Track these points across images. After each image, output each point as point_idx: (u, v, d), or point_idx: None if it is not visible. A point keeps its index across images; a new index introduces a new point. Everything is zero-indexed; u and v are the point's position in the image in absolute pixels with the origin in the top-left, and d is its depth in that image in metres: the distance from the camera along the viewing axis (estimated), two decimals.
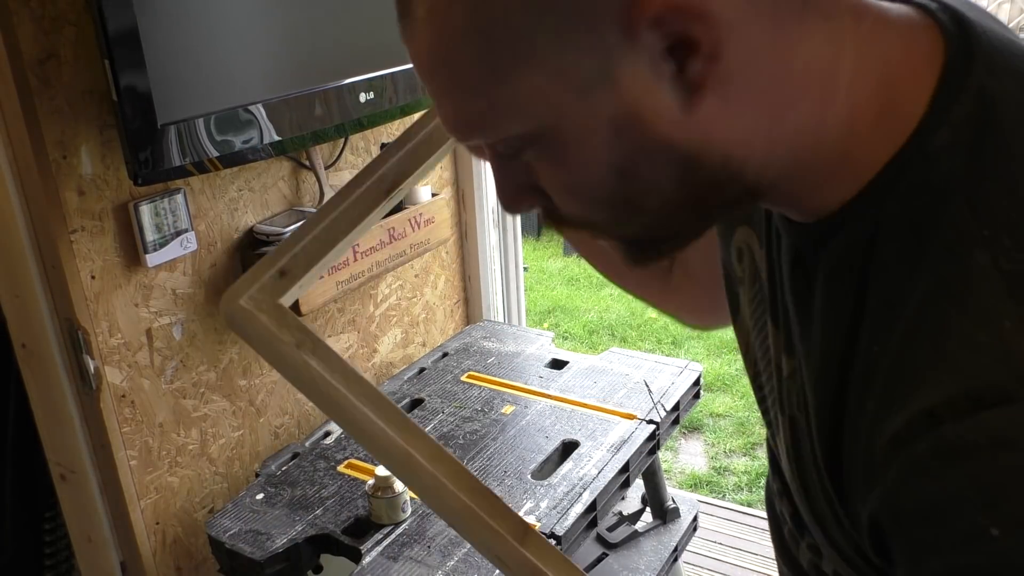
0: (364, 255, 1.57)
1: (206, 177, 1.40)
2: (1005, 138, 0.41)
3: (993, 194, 0.41)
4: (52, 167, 1.19)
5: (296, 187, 1.58)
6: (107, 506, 1.41)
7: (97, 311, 1.29)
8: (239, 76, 1.31)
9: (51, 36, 1.16)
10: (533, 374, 1.69)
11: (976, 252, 0.40)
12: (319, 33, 1.42)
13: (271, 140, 1.36)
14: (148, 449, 1.40)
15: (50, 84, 1.17)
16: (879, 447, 0.42)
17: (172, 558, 1.47)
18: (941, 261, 0.41)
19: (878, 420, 0.42)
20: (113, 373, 1.32)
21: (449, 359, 1.79)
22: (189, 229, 1.38)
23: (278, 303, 0.70)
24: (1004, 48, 0.43)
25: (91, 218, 1.26)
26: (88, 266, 1.26)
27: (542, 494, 1.31)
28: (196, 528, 1.47)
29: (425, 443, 0.64)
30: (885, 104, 0.43)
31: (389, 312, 1.84)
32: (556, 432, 1.48)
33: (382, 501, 1.26)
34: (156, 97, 1.17)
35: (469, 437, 1.48)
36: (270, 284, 0.71)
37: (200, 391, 1.47)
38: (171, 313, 1.40)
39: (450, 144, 0.81)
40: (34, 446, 1.48)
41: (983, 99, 0.42)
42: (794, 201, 0.47)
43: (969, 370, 0.39)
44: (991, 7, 6.07)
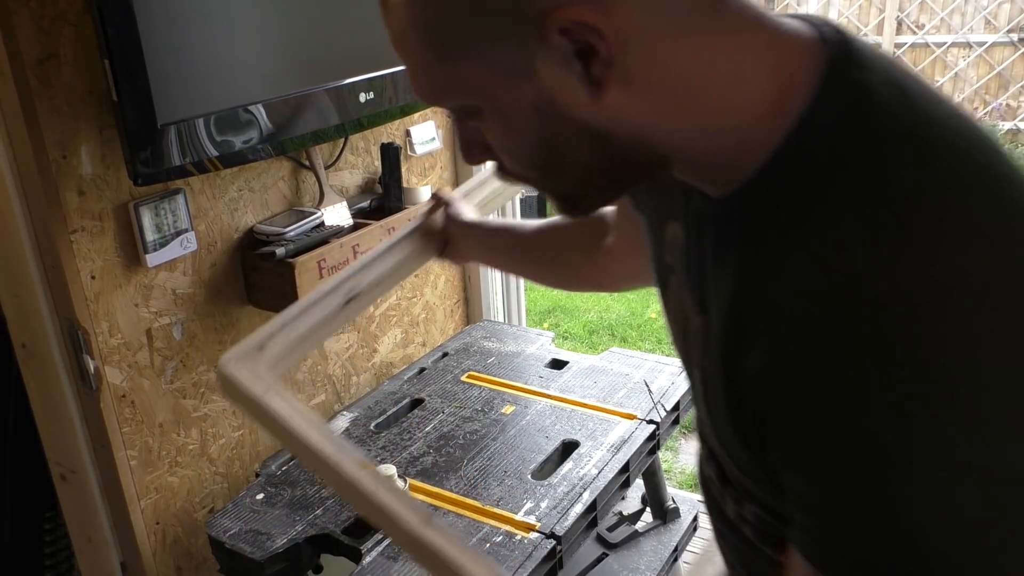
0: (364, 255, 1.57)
1: (206, 177, 1.40)
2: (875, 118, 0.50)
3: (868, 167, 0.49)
4: (52, 167, 1.19)
5: (296, 187, 1.58)
6: (107, 506, 1.42)
7: (97, 311, 1.29)
8: (239, 76, 1.31)
9: (51, 36, 1.16)
10: (533, 374, 1.69)
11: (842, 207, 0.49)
12: (319, 33, 1.42)
13: (271, 140, 1.36)
14: (148, 449, 1.40)
15: (50, 84, 1.17)
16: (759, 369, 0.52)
17: (172, 558, 1.47)
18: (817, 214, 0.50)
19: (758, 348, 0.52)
20: (113, 373, 1.33)
21: (449, 359, 1.79)
22: (189, 229, 1.38)
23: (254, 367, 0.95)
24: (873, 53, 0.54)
25: (91, 218, 1.26)
26: (88, 266, 1.26)
27: (542, 494, 1.31)
28: (196, 528, 1.47)
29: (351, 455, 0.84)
30: (778, 98, 0.52)
31: (389, 312, 1.84)
32: (556, 432, 1.48)
33: None
34: (156, 97, 1.17)
35: (469, 437, 1.48)
36: (251, 354, 0.98)
37: (200, 391, 1.47)
38: (171, 313, 1.40)
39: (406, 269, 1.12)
40: (34, 446, 1.48)
41: (858, 90, 0.51)
42: (707, 176, 0.57)
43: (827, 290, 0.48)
44: (991, 7, 6.07)
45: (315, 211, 1.53)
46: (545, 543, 1.22)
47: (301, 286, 1.44)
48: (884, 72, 0.52)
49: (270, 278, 1.46)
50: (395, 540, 0.91)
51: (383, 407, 1.62)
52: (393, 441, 1.50)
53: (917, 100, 0.51)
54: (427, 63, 0.55)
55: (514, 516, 1.27)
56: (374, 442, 1.50)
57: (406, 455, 1.45)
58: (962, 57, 6.27)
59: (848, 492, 0.48)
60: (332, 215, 1.57)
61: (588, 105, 0.52)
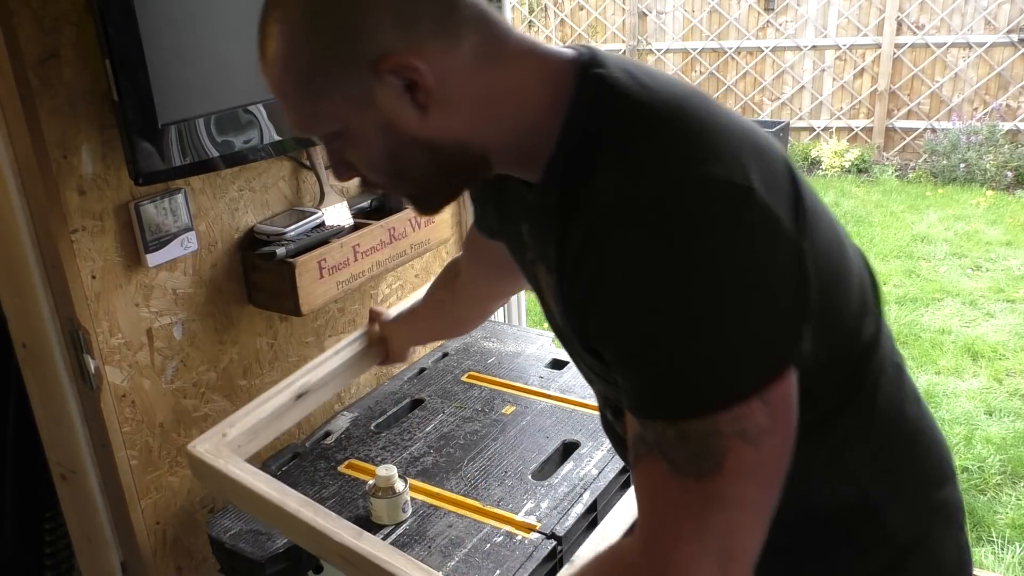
0: (364, 255, 1.57)
1: (206, 177, 1.40)
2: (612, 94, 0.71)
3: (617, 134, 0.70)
4: (53, 167, 1.19)
5: (296, 187, 1.58)
6: (107, 506, 1.41)
7: (98, 311, 1.29)
8: (239, 76, 1.30)
9: (52, 36, 1.16)
10: (533, 374, 1.69)
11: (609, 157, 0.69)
12: None
13: (271, 140, 1.36)
14: (148, 449, 1.40)
15: (51, 84, 1.17)
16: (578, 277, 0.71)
17: (172, 558, 1.47)
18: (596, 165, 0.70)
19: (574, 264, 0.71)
20: (114, 373, 1.33)
21: (449, 359, 1.79)
22: (190, 229, 1.38)
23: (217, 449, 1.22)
24: (610, 56, 0.74)
25: (92, 218, 1.26)
26: (89, 266, 1.26)
27: (543, 494, 1.31)
28: (196, 528, 1.47)
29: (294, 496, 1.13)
30: (552, 99, 0.72)
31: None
32: (556, 432, 1.48)
33: (382, 501, 1.26)
34: (157, 97, 1.17)
35: (469, 437, 1.48)
36: (216, 440, 1.24)
37: (200, 391, 1.47)
38: (171, 313, 1.40)
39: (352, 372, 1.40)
40: (34, 446, 1.48)
41: (599, 78, 0.72)
42: (523, 166, 0.76)
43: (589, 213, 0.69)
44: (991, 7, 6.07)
45: (316, 211, 1.53)
46: (546, 543, 1.22)
47: (301, 286, 1.44)
48: (616, 65, 0.73)
49: (271, 278, 1.46)
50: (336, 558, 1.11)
51: (383, 407, 1.62)
52: (393, 441, 1.50)
53: (641, 76, 0.72)
54: (298, 102, 0.72)
55: (515, 516, 1.27)
56: (374, 442, 1.50)
57: (406, 455, 1.45)
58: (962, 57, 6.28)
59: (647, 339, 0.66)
60: (332, 215, 1.57)
61: (418, 124, 0.71)
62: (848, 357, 0.77)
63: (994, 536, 2.51)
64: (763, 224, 0.65)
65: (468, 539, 1.22)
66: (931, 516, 0.85)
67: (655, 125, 0.69)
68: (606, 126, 0.71)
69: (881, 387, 0.81)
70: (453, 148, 0.73)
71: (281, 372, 1.61)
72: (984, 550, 2.46)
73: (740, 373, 0.65)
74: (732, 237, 0.64)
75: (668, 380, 0.66)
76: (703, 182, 0.65)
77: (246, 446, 1.29)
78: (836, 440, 0.79)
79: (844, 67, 6.69)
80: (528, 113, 0.73)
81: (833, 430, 0.78)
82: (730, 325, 0.64)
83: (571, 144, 0.72)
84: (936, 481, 0.86)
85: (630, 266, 0.66)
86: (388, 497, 1.25)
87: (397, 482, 1.26)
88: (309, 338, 1.66)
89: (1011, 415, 3.13)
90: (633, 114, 0.70)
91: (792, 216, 0.68)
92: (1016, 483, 2.77)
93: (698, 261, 0.63)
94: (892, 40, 6.42)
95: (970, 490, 2.74)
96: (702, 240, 0.64)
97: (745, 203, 0.65)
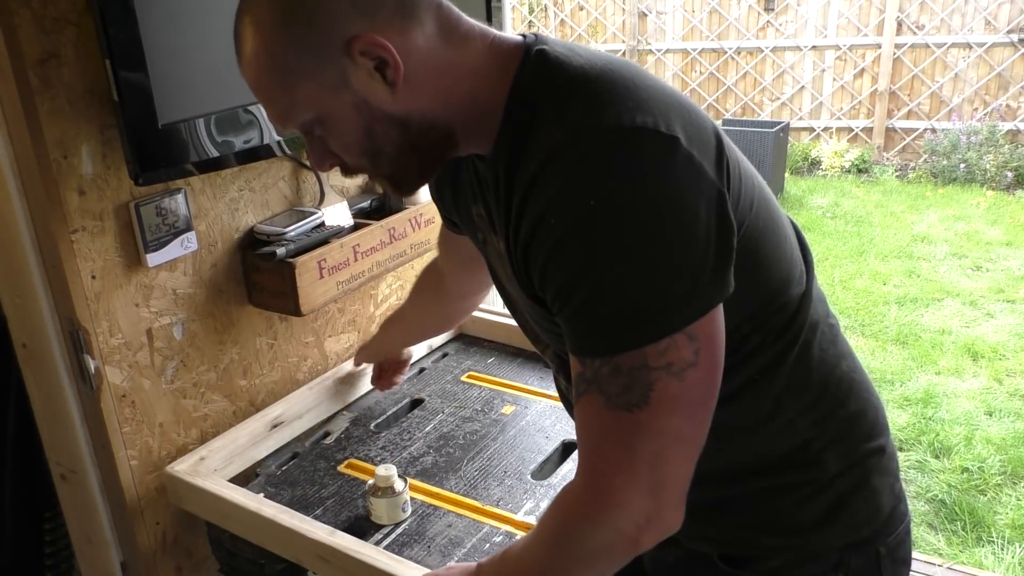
0: (364, 255, 1.57)
1: (206, 177, 1.40)
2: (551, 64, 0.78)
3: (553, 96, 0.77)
4: (53, 167, 1.19)
5: (297, 187, 1.58)
6: (107, 506, 1.42)
7: (97, 311, 1.29)
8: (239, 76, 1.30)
9: (52, 36, 1.16)
10: (533, 374, 1.69)
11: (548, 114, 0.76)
12: None
13: (271, 140, 1.36)
14: (148, 449, 1.40)
15: (51, 84, 1.17)
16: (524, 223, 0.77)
17: (172, 558, 1.47)
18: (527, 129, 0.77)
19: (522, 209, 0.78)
20: (113, 373, 1.33)
21: (449, 359, 1.79)
22: (190, 229, 1.38)
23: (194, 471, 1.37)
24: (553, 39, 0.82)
25: (92, 218, 1.26)
26: (89, 266, 1.26)
27: (542, 494, 1.31)
28: (196, 528, 1.47)
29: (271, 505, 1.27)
30: (500, 75, 0.80)
31: (389, 312, 1.84)
32: (556, 432, 1.48)
33: (382, 501, 1.26)
34: (157, 97, 1.17)
35: (469, 437, 1.48)
36: (194, 463, 1.39)
37: (200, 391, 1.47)
38: (171, 313, 1.40)
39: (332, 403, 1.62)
40: (34, 446, 1.48)
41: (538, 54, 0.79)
42: (479, 140, 0.82)
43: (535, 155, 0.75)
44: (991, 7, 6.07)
45: (316, 211, 1.54)
46: None
47: (301, 286, 1.44)
48: (558, 43, 0.81)
49: (271, 278, 1.47)
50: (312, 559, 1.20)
51: (383, 407, 1.62)
52: (393, 441, 1.50)
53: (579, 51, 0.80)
54: (278, 95, 0.79)
55: (514, 516, 1.27)
56: (374, 442, 1.50)
57: (406, 455, 1.45)
58: (962, 58, 6.28)
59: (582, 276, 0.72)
60: (333, 215, 1.57)
61: (389, 101, 0.77)
62: (778, 311, 0.85)
63: (994, 536, 2.51)
64: (687, 169, 0.72)
65: (467, 539, 1.23)
66: (868, 463, 0.92)
67: (587, 84, 0.75)
68: (543, 90, 0.78)
69: (815, 344, 0.88)
70: (421, 124, 0.79)
71: (281, 372, 1.61)
72: (984, 550, 2.46)
73: (666, 309, 0.71)
74: (658, 181, 0.71)
75: (602, 318, 0.73)
76: (632, 129, 0.71)
77: (223, 470, 1.42)
78: (776, 392, 0.86)
79: (844, 67, 6.69)
80: (482, 90, 0.80)
81: (772, 383, 0.86)
82: (658, 262, 0.71)
83: (515, 110, 0.79)
84: (871, 432, 0.93)
85: (565, 208, 0.72)
86: (388, 497, 1.26)
87: (397, 482, 1.26)
88: (309, 338, 1.66)
89: (1011, 415, 3.14)
90: (566, 78, 0.77)
91: (715, 168, 0.74)
92: (1016, 483, 2.77)
93: (627, 202, 0.70)
94: (892, 40, 6.42)
95: (970, 490, 2.74)
96: (630, 183, 0.70)
97: (670, 150, 0.71)
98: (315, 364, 1.68)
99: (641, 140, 0.71)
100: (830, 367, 0.90)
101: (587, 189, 0.71)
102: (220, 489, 1.31)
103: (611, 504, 0.75)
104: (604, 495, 0.75)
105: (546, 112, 0.76)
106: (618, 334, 0.72)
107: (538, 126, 0.76)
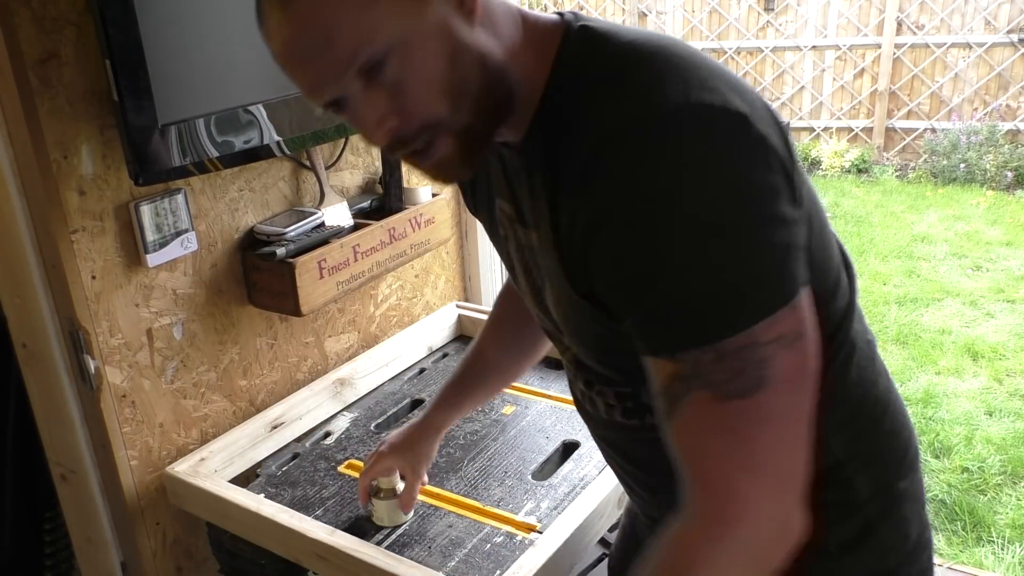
0: (364, 255, 1.57)
1: (206, 177, 1.40)
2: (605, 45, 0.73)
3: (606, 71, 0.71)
4: (53, 167, 1.19)
5: (297, 187, 1.58)
6: (107, 506, 1.41)
7: (97, 311, 1.29)
8: (239, 76, 1.31)
9: (52, 36, 1.16)
10: (533, 374, 1.69)
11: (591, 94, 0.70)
12: None
13: (271, 140, 1.36)
14: (148, 449, 1.40)
15: (51, 84, 1.17)
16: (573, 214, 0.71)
17: (172, 558, 1.47)
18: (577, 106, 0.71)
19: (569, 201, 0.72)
20: (113, 373, 1.33)
21: (449, 359, 1.79)
22: (189, 229, 1.38)
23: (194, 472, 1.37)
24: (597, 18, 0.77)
25: (92, 218, 1.26)
26: (89, 266, 1.26)
27: (543, 494, 1.31)
28: (197, 528, 1.47)
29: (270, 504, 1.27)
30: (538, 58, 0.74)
31: (389, 312, 1.84)
32: (556, 432, 1.48)
33: (383, 503, 1.25)
34: (157, 97, 1.17)
35: (469, 437, 1.48)
36: (194, 464, 1.39)
37: (200, 391, 1.47)
38: (171, 313, 1.40)
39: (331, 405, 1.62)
40: (34, 446, 1.48)
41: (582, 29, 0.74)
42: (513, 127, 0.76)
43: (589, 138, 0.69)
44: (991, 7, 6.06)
45: (315, 211, 1.53)
46: None
47: (301, 286, 1.44)
48: (600, 20, 0.76)
49: (271, 278, 1.46)
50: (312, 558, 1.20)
51: (383, 407, 1.62)
52: None
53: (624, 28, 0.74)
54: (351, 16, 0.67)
55: (515, 517, 1.27)
56: (374, 442, 1.50)
57: None
58: (962, 58, 6.27)
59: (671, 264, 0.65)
60: (332, 215, 1.57)
61: (468, 32, 0.70)
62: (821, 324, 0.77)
63: (994, 536, 2.51)
64: (759, 146, 0.67)
65: (468, 539, 1.22)
66: (899, 488, 0.87)
67: (642, 61, 0.70)
68: (593, 69, 0.72)
69: (854, 360, 0.82)
70: (497, 68, 0.72)
71: (281, 372, 1.61)
72: (984, 550, 2.46)
73: (774, 282, 0.65)
74: (732, 158, 0.65)
75: (698, 305, 0.65)
76: (700, 106, 0.66)
77: (223, 471, 1.42)
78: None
79: (844, 67, 6.69)
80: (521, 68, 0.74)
81: None
82: (756, 237, 0.65)
83: (558, 91, 0.73)
84: (904, 457, 0.88)
85: (633, 196, 0.65)
86: (389, 499, 1.25)
87: (399, 483, 1.26)
88: (309, 338, 1.66)
89: (1011, 415, 3.14)
90: (619, 54, 0.71)
91: (783, 147, 0.69)
92: (1016, 483, 2.77)
93: (704, 182, 0.64)
94: (892, 40, 6.42)
95: (970, 490, 2.74)
96: (703, 163, 0.65)
97: (741, 126, 0.66)
98: (315, 364, 1.68)
99: (710, 118, 0.66)
100: (867, 386, 0.84)
101: (657, 173, 0.65)
102: (220, 489, 1.31)
103: (738, 515, 0.65)
104: (728, 506, 0.65)
105: (596, 92, 0.70)
106: (722, 316, 0.65)
107: (587, 108, 0.70)
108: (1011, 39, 6.08)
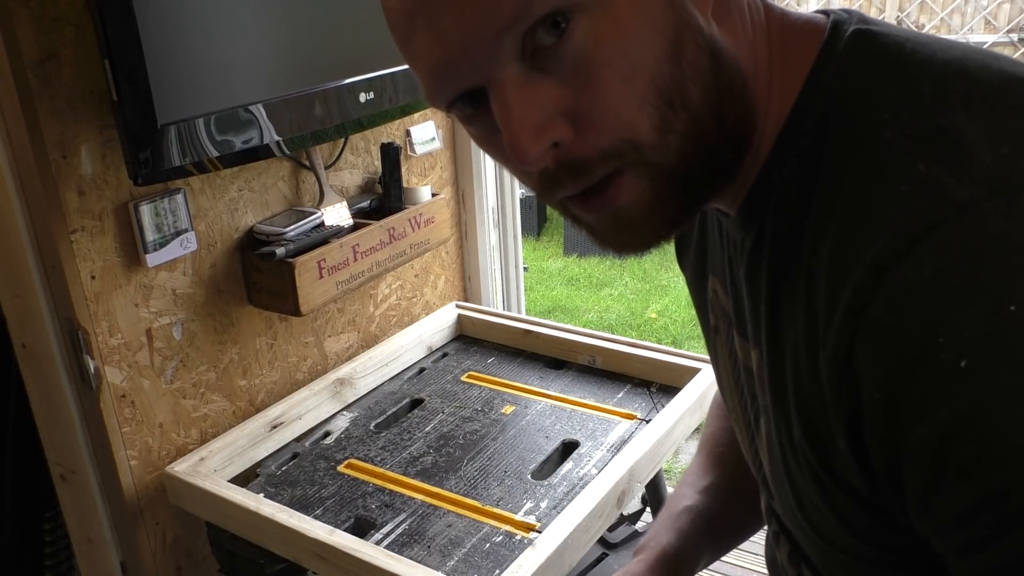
0: (364, 255, 1.57)
1: (206, 177, 1.40)
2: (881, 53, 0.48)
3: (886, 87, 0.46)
4: (52, 167, 1.19)
5: (296, 187, 1.58)
6: (107, 506, 1.42)
7: (97, 311, 1.29)
8: (239, 76, 1.31)
9: (51, 36, 1.16)
10: (533, 374, 1.69)
11: (882, 132, 0.45)
12: (319, 33, 1.42)
13: (271, 140, 1.36)
14: (148, 449, 1.40)
15: (50, 84, 1.17)
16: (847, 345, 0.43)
17: (172, 558, 1.47)
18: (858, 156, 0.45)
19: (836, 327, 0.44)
20: (113, 373, 1.33)
21: (449, 359, 1.79)
22: (189, 229, 1.38)
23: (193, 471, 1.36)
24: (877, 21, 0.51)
25: (91, 218, 1.26)
26: (88, 266, 1.26)
27: (542, 494, 1.31)
28: (196, 528, 1.47)
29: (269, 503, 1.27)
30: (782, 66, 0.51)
31: (389, 312, 1.84)
32: (556, 432, 1.48)
33: None
34: (156, 97, 1.17)
35: (469, 437, 1.48)
36: (194, 464, 1.38)
37: (200, 391, 1.47)
38: (171, 313, 1.40)
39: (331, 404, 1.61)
40: (34, 446, 1.48)
41: (860, 36, 0.49)
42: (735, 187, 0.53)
43: (897, 216, 0.41)
44: (991, 7, 6.07)
45: (315, 211, 1.53)
46: None
47: (301, 286, 1.44)
48: (886, 24, 0.51)
49: (270, 278, 1.47)
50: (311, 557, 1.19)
51: (383, 407, 1.62)
52: (393, 441, 1.50)
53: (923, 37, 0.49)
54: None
55: (514, 516, 1.27)
56: (374, 442, 1.50)
57: (406, 455, 1.45)
58: None
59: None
60: (332, 215, 1.57)
61: (704, 14, 0.47)
62: None
63: None
64: None
65: (467, 539, 1.22)
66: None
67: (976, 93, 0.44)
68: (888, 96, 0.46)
69: None
70: (731, 67, 0.48)
71: (281, 372, 1.61)
72: None
73: None
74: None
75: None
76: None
77: (222, 470, 1.42)
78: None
79: None
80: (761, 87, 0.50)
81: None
82: None
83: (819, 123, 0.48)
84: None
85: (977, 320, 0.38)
86: None
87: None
88: (309, 338, 1.66)
89: None
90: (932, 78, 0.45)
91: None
92: None
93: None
94: None
95: None
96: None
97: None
98: (315, 364, 1.68)
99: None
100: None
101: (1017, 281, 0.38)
102: (220, 489, 1.31)
103: None
104: None
105: (901, 134, 0.43)
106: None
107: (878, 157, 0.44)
108: (1011, 39, 6.08)
